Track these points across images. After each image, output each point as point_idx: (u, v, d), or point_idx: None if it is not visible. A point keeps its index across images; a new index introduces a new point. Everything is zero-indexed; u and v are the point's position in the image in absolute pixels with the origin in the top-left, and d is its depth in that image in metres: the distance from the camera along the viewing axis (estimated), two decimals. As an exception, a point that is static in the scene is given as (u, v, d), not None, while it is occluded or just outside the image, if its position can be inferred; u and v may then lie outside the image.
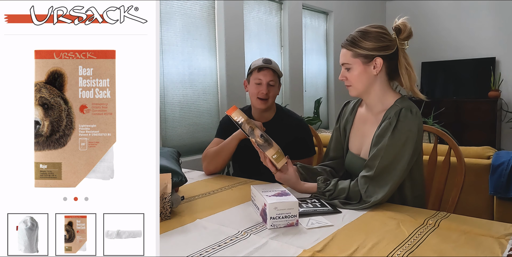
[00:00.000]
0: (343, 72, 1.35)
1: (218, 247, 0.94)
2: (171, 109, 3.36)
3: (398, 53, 1.30)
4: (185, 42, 3.45)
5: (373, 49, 1.28)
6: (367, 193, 1.23)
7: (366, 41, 1.28)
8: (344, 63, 1.33)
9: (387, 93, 1.35)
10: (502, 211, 2.12)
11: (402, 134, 1.24)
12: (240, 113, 1.33)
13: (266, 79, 1.71)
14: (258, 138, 1.29)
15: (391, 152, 1.24)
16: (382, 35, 1.29)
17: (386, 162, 1.24)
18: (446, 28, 5.86)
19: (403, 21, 1.29)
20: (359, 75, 1.31)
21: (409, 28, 1.28)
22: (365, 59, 1.29)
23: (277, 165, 1.31)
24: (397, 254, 0.88)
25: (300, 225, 1.08)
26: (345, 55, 1.33)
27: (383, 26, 1.32)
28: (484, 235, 0.98)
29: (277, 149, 1.30)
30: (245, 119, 1.32)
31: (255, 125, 1.31)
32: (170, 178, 1.15)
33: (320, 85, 5.31)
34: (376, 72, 1.30)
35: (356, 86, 1.34)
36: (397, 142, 1.24)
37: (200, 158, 3.50)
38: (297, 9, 4.66)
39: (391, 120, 1.26)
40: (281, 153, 1.31)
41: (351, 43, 1.31)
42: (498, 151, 2.23)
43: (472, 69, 5.66)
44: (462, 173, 1.49)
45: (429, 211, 1.17)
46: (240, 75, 3.91)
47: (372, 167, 1.25)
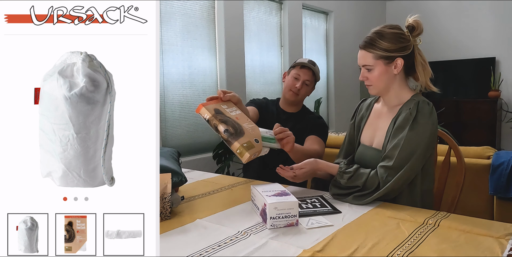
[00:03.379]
0: (363, 72, 1.37)
1: (218, 247, 0.94)
2: (171, 109, 3.36)
3: (414, 50, 1.34)
4: (185, 42, 3.45)
5: (394, 50, 1.31)
6: (385, 184, 1.24)
7: (385, 43, 1.31)
8: (365, 65, 1.35)
9: (404, 89, 1.39)
10: (502, 211, 2.12)
11: (421, 125, 1.27)
12: (207, 110, 1.33)
13: (304, 77, 1.86)
14: (222, 135, 1.29)
15: (411, 142, 1.26)
16: (399, 35, 1.32)
17: (405, 152, 1.26)
18: (446, 28, 5.86)
19: (415, 19, 1.33)
20: (380, 75, 1.34)
21: (422, 25, 1.33)
22: (386, 60, 1.32)
23: (241, 158, 1.27)
24: (397, 254, 0.88)
25: (300, 225, 1.08)
26: (365, 58, 1.34)
27: (398, 25, 1.35)
28: (484, 235, 0.98)
29: (245, 141, 1.27)
30: (210, 116, 1.31)
31: (220, 121, 1.30)
32: (170, 178, 1.15)
33: (320, 85, 5.31)
34: (396, 71, 1.34)
35: (377, 86, 1.37)
36: (416, 133, 1.27)
37: (200, 158, 3.51)
38: (297, 9, 4.66)
39: (411, 111, 1.29)
40: (248, 146, 1.27)
41: (371, 45, 1.33)
42: (498, 151, 2.23)
43: (472, 69, 5.66)
44: (462, 173, 1.49)
45: (429, 211, 1.17)
46: (240, 75, 3.91)
47: (391, 157, 1.27)
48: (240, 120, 1.37)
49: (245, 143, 1.27)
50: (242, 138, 1.28)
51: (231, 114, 1.38)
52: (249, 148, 1.27)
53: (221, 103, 1.42)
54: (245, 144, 1.27)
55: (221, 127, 1.29)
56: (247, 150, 1.26)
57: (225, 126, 1.29)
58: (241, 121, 1.37)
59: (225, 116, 1.34)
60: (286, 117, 1.93)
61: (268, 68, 4.31)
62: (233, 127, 1.31)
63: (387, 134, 1.36)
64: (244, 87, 3.96)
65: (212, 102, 1.40)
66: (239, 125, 1.33)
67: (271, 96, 2.15)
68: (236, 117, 1.38)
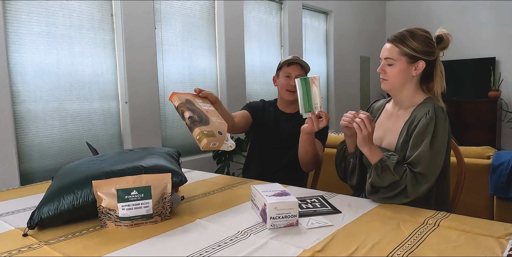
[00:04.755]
0: (383, 65, 1.38)
1: (218, 247, 0.94)
2: (171, 110, 3.36)
3: (436, 60, 1.37)
4: (185, 42, 3.45)
5: (420, 52, 1.33)
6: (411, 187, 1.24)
7: (415, 42, 1.33)
8: (388, 58, 1.36)
9: (417, 93, 1.40)
10: (502, 211, 2.12)
11: (440, 131, 1.29)
12: (178, 98, 1.35)
13: (295, 73, 1.86)
14: (186, 121, 1.29)
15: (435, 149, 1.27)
16: (429, 40, 1.35)
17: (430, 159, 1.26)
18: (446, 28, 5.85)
19: (447, 32, 1.36)
20: (399, 72, 1.35)
21: (450, 40, 1.37)
22: (410, 59, 1.34)
23: (199, 144, 1.24)
24: (397, 254, 0.88)
25: (300, 225, 1.07)
26: (391, 51, 1.36)
27: (429, 31, 1.38)
28: (484, 235, 0.98)
29: (205, 129, 1.26)
30: (179, 103, 1.33)
31: (187, 109, 1.32)
32: (170, 178, 1.15)
33: (320, 85, 5.30)
34: (415, 73, 1.36)
35: (392, 82, 1.38)
36: (438, 139, 1.28)
37: (200, 158, 3.51)
38: (297, 9, 4.66)
39: (431, 115, 1.30)
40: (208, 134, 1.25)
41: (400, 40, 1.34)
42: (498, 151, 2.23)
43: (472, 69, 5.66)
44: (462, 173, 1.49)
45: (429, 211, 1.17)
46: (240, 75, 3.91)
47: (417, 164, 1.27)
48: (209, 114, 1.36)
49: (206, 131, 1.26)
50: (205, 126, 1.28)
51: (202, 107, 1.38)
52: (208, 136, 1.25)
53: (196, 98, 1.43)
54: (206, 131, 1.26)
55: (186, 114, 1.30)
56: (206, 136, 1.24)
57: (191, 114, 1.30)
58: (210, 115, 1.36)
59: (194, 106, 1.35)
60: (285, 118, 1.93)
61: (268, 68, 4.31)
62: (199, 116, 1.31)
63: (400, 135, 1.36)
64: (244, 87, 3.96)
65: (188, 93, 1.41)
66: (206, 117, 1.33)
67: (272, 97, 2.15)
68: (207, 111, 1.38)
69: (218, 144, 1.27)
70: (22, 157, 2.49)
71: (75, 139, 2.75)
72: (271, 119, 1.93)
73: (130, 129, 3.00)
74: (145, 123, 3.10)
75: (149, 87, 3.11)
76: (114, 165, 1.21)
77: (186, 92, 1.43)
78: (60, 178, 1.22)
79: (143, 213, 1.09)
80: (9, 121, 2.37)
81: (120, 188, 1.08)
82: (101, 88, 2.89)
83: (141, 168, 1.19)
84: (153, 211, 1.10)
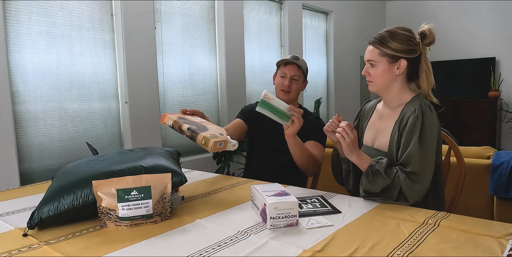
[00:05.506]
0: (367, 67, 1.40)
1: (218, 247, 0.94)
2: (171, 109, 3.36)
3: (421, 57, 1.36)
4: (185, 42, 3.45)
5: (400, 51, 1.33)
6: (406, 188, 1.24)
7: (394, 42, 1.33)
8: (369, 60, 1.38)
9: (404, 91, 1.40)
10: (502, 211, 2.12)
11: (428, 128, 1.29)
12: (169, 118, 1.43)
13: (290, 74, 1.86)
14: (186, 133, 1.34)
15: (424, 147, 1.27)
16: (409, 38, 1.34)
17: (422, 157, 1.26)
18: (446, 28, 5.86)
19: (429, 28, 1.34)
20: (382, 73, 1.36)
21: (434, 35, 1.34)
22: (391, 59, 1.35)
23: (207, 148, 1.27)
24: (397, 254, 0.88)
25: (300, 225, 1.07)
26: (372, 53, 1.37)
27: (411, 29, 1.37)
28: (484, 235, 0.98)
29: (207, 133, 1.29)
30: (173, 120, 1.41)
31: (183, 122, 1.38)
32: (170, 178, 1.15)
33: (320, 85, 5.31)
34: (398, 72, 1.36)
35: (377, 83, 1.39)
36: (426, 136, 1.28)
37: (200, 158, 3.51)
38: (297, 9, 4.66)
39: (417, 114, 1.29)
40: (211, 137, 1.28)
41: (380, 42, 1.35)
42: (498, 151, 2.23)
43: (472, 69, 5.66)
44: (462, 173, 1.49)
45: (429, 211, 1.17)
46: (240, 75, 3.91)
47: (408, 163, 1.27)
48: (204, 123, 1.41)
49: (209, 134, 1.29)
50: (206, 132, 1.31)
51: (195, 120, 1.45)
52: (213, 137, 1.27)
53: (185, 116, 1.50)
54: (209, 135, 1.28)
55: (184, 126, 1.35)
56: (211, 138, 1.27)
57: (188, 125, 1.35)
58: (205, 124, 1.41)
59: (188, 120, 1.41)
60: None
61: (268, 68, 4.31)
62: (196, 125, 1.36)
63: (391, 135, 1.36)
64: (244, 87, 3.96)
65: (176, 113, 1.49)
66: (203, 125, 1.37)
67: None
68: (200, 121, 1.44)
69: (223, 143, 1.29)
70: (22, 157, 2.49)
71: (75, 139, 2.75)
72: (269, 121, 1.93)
73: (130, 129, 3.00)
74: (145, 123, 3.10)
75: (149, 87, 3.11)
76: (114, 165, 1.21)
77: (174, 113, 1.51)
78: (60, 178, 1.22)
79: (143, 213, 1.09)
80: (9, 121, 2.37)
81: (120, 188, 1.08)
82: (101, 88, 2.89)
83: (141, 168, 1.19)
84: (153, 211, 1.10)
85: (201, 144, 1.28)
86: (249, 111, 1.98)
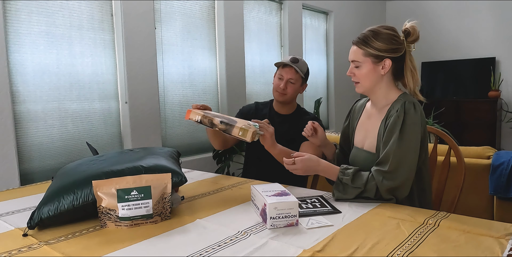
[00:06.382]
0: (351, 68, 1.39)
1: (218, 247, 0.94)
2: (171, 109, 3.36)
3: (405, 56, 1.34)
4: (185, 42, 3.45)
5: (384, 51, 1.32)
6: (383, 187, 1.24)
7: (378, 42, 1.31)
8: (354, 60, 1.37)
9: (391, 91, 1.39)
10: (502, 211, 2.12)
11: (409, 126, 1.27)
12: (195, 113, 1.44)
13: (287, 76, 1.87)
14: (219, 126, 1.38)
15: (402, 146, 1.26)
16: (393, 37, 1.32)
17: (398, 157, 1.25)
18: (446, 28, 5.86)
19: (412, 25, 1.32)
20: (367, 73, 1.35)
21: (418, 32, 1.32)
22: (375, 59, 1.33)
23: (246, 139, 1.35)
24: (397, 254, 0.88)
25: (300, 225, 1.08)
26: (355, 53, 1.36)
27: (394, 28, 1.35)
28: (484, 235, 0.98)
29: (241, 125, 1.37)
30: (201, 116, 1.42)
31: (212, 116, 1.41)
32: (170, 178, 1.15)
33: (320, 85, 5.31)
34: (384, 72, 1.35)
35: (363, 84, 1.38)
36: (406, 135, 1.27)
37: (200, 158, 3.51)
38: (297, 9, 4.66)
39: (399, 113, 1.28)
40: (247, 128, 1.36)
41: (363, 42, 1.34)
42: (498, 151, 2.23)
43: (472, 69, 5.66)
44: (462, 173, 1.49)
45: (429, 211, 1.17)
46: (240, 75, 3.91)
47: (385, 162, 1.26)
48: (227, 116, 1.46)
49: (244, 125, 1.37)
50: (237, 123, 1.37)
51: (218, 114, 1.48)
52: (248, 128, 1.36)
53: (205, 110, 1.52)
54: (243, 126, 1.37)
55: (216, 120, 1.39)
56: (248, 128, 1.35)
57: (220, 119, 1.39)
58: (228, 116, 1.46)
59: (214, 114, 1.44)
60: (280, 120, 1.92)
61: (268, 68, 4.31)
62: (226, 118, 1.41)
63: (378, 136, 1.35)
64: (244, 87, 3.96)
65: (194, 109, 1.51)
66: (230, 118, 1.43)
67: (272, 97, 2.15)
68: (223, 115, 1.48)
69: (255, 132, 1.37)
70: (22, 157, 2.49)
71: (75, 139, 2.74)
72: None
73: (130, 129, 3.00)
74: (145, 123, 3.10)
75: (149, 87, 3.11)
76: (114, 165, 1.21)
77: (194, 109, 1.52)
78: (60, 178, 1.22)
79: (143, 213, 1.09)
80: (9, 121, 2.36)
81: (120, 188, 1.08)
82: (101, 88, 2.88)
83: (141, 168, 1.19)
84: (153, 211, 1.10)
85: (237, 135, 1.35)
86: (246, 111, 1.99)
